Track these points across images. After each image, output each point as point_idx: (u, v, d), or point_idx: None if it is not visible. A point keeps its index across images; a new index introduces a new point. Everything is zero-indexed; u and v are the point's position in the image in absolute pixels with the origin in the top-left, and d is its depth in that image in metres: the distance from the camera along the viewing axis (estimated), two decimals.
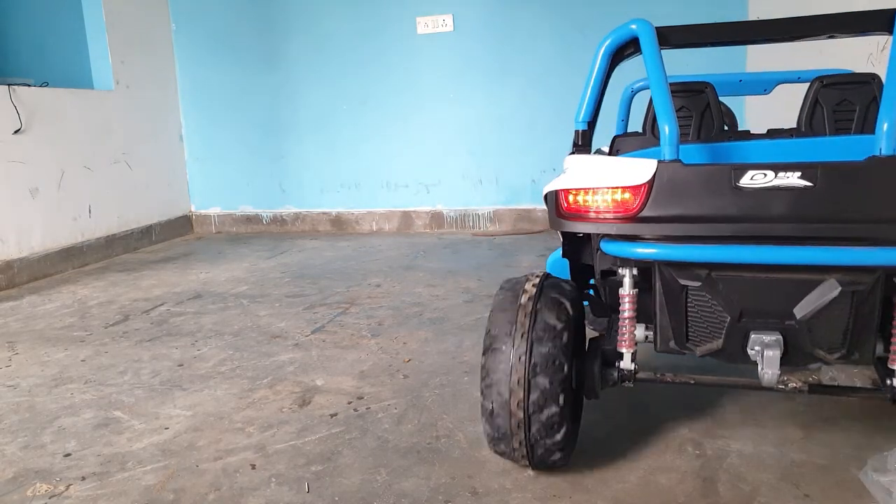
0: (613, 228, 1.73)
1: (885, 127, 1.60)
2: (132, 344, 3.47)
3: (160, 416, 2.61)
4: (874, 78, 2.25)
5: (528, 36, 6.14)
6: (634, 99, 3.54)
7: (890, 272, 1.67)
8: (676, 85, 2.29)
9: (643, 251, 1.73)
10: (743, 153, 1.94)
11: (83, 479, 2.17)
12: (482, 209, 6.52)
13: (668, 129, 1.70)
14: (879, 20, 1.84)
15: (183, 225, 7.01)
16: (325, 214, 6.89)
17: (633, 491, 1.97)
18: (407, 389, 2.75)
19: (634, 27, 1.88)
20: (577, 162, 1.86)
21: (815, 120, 2.26)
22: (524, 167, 6.31)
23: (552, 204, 1.84)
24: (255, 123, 6.85)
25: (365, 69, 6.49)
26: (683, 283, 1.76)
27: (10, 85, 4.92)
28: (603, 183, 1.73)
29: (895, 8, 1.82)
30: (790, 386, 1.88)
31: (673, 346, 1.85)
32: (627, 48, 1.96)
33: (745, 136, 2.44)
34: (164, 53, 6.75)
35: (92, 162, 5.74)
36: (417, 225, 6.68)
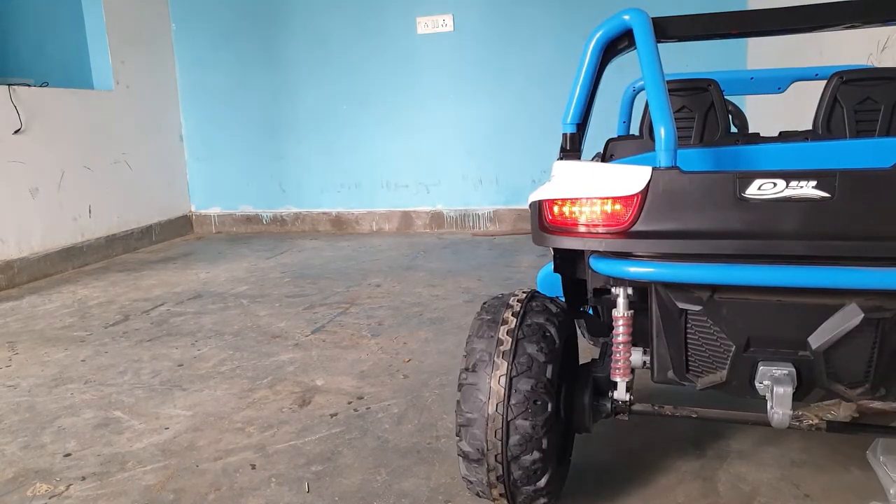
0: (602, 244, 1.52)
1: None
2: (132, 344, 3.47)
3: (160, 416, 2.61)
4: None
5: (528, 36, 6.14)
6: (637, 99, 3.36)
7: None
8: (677, 82, 2.12)
9: (636, 270, 1.50)
10: (750, 159, 1.74)
11: (83, 479, 2.17)
12: (482, 209, 6.52)
13: (664, 131, 1.51)
14: None
15: (183, 225, 7.01)
16: (325, 214, 6.89)
17: (632, 490, 1.97)
18: (407, 389, 2.75)
19: (628, 18, 1.68)
20: (563, 169, 1.66)
21: (833, 121, 2.03)
22: (524, 167, 6.31)
23: (535, 216, 1.64)
24: (255, 123, 6.85)
25: (365, 69, 6.49)
26: (682, 306, 1.54)
27: (10, 85, 4.92)
28: (591, 193, 1.54)
29: None
30: (805, 423, 1.68)
31: (672, 376, 1.65)
32: (621, 42, 1.73)
33: (753, 139, 2.19)
34: (164, 53, 6.75)
35: (92, 162, 5.74)
36: (417, 225, 6.68)
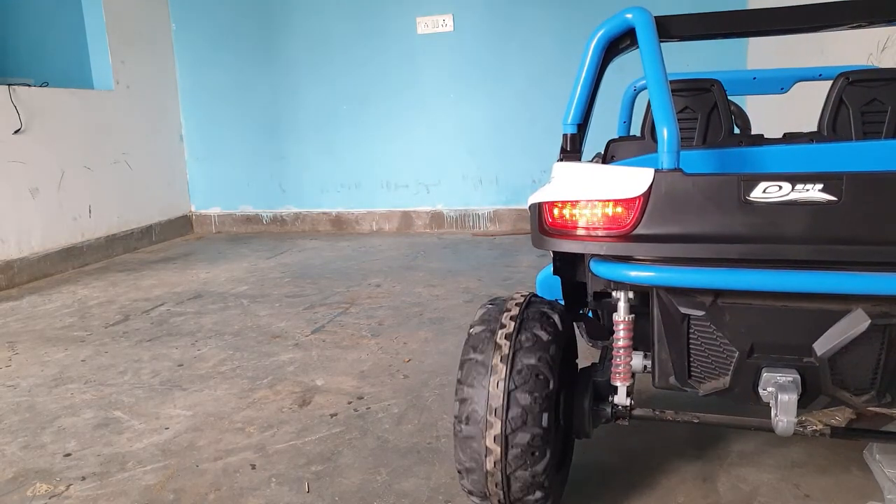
0: (603, 248, 1.50)
1: None
2: (132, 344, 3.47)
3: (160, 416, 2.61)
4: None
5: (528, 36, 6.14)
6: (638, 99, 3.30)
7: None
8: (679, 82, 2.09)
9: (637, 275, 1.48)
10: (754, 161, 1.72)
11: (83, 479, 2.17)
12: (482, 209, 6.52)
13: (666, 132, 1.47)
14: None
15: (183, 225, 7.01)
16: (325, 214, 6.89)
17: (632, 493, 1.97)
18: (407, 389, 2.75)
19: (630, 16, 1.64)
20: (563, 170, 1.64)
21: (839, 122, 1.99)
22: (524, 167, 6.31)
23: (535, 218, 1.62)
24: (255, 123, 6.85)
25: (365, 69, 6.49)
26: (684, 311, 1.52)
27: (10, 85, 4.92)
28: (591, 195, 1.52)
29: None
30: (809, 429, 1.65)
31: (673, 382, 1.62)
32: (623, 41, 1.70)
33: (757, 141, 2.16)
34: (164, 53, 6.75)
35: (92, 162, 5.74)
36: (417, 225, 6.68)
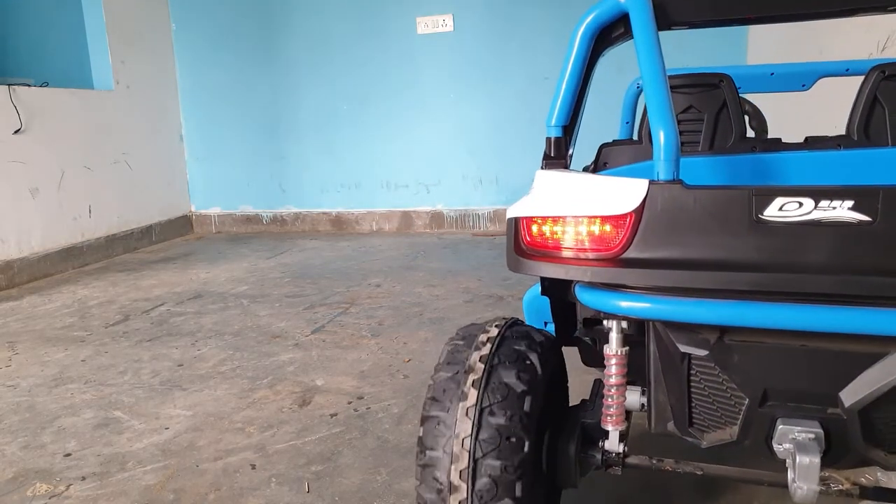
0: (587, 273, 1.26)
1: None
2: (132, 344, 3.47)
3: (160, 416, 2.61)
4: None
5: (528, 35, 6.14)
6: (642, 98, 3.09)
7: None
8: (683, 77, 1.87)
9: (629, 306, 1.25)
10: (770, 170, 1.51)
11: (83, 479, 2.17)
12: (482, 209, 6.52)
13: (663, 136, 1.23)
14: None
15: (183, 225, 7.01)
16: (325, 214, 6.89)
17: (628, 491, 1.97)
18: (407, 389, 2.75)
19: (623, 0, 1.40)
20: (545, 180, 1.40)
21: (873, 125, 1.71)
22: (524, 167, 6.31)
23: (510, 235, 1.38)
24: (255, 123, 6.85)
25: (365, 69, 6.49)
26: (684, 350, 1.30)
27: (10, 85, 4.92)
28: (574, 210, 1.28)
29: None
30: (834, 489, 1.38)
31: (672, 429, 1.41)
32: (615, 29, 1.45)
33: (773, 146, 1.86)
34: (164, 53, 6.75)
35: (92, 162, 5.74)
36: (417, 225, 6.68)
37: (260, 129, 6.86)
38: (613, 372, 1.45)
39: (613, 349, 1.44)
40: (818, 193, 1.14)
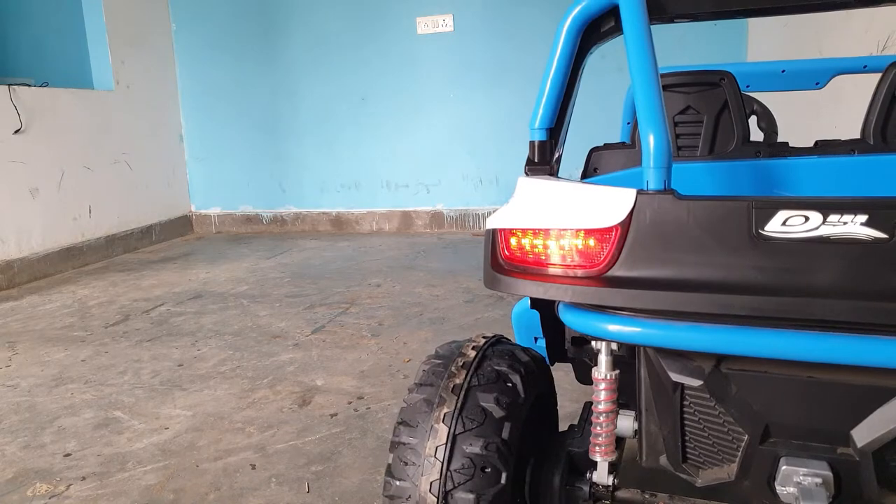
0: (568, 293, 1.13)
1: None
2: (132, 344, 3.47)
3: (160, 416, 2.61)
4: None
5: (528, 35, 6.14)
6: None
7: None
8: (679, 75, 1.75)
9: (616, 330, 1.14)
10: (775, 179, 1.39)
11: (83, 479, 2.17)
12: (482, 209, 6.52)
13: (653, 140, 1.11)
14: None
15: (183, 225, 7.01)
16: (325, 214, 6.89)
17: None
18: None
19: None
20: (526, 188, 1.28)
21: (891, 128, 1.57)
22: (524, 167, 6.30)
23: (488, 248, 1.26)
24: (255, 123, 6.86)
25: (365, 69, 6.49)
26: (677, 379, 1.17)
27: (10, 85, 4.92)
28: (555, 222, 1.17)
29: None
30: None
31: (665, 463, 1.29)
32: (605, 22, 1.32)
33: (779, 151, 1.72)
34: (164, 53, 6.75)
35: (92, 162, 5.74)
36: (417, 225, 6.68)
37: (260, 128, 6.86)
38: (602, 398, 1.31)
39: (602, 373, 1.30)
40: (827, 206, 1.01)
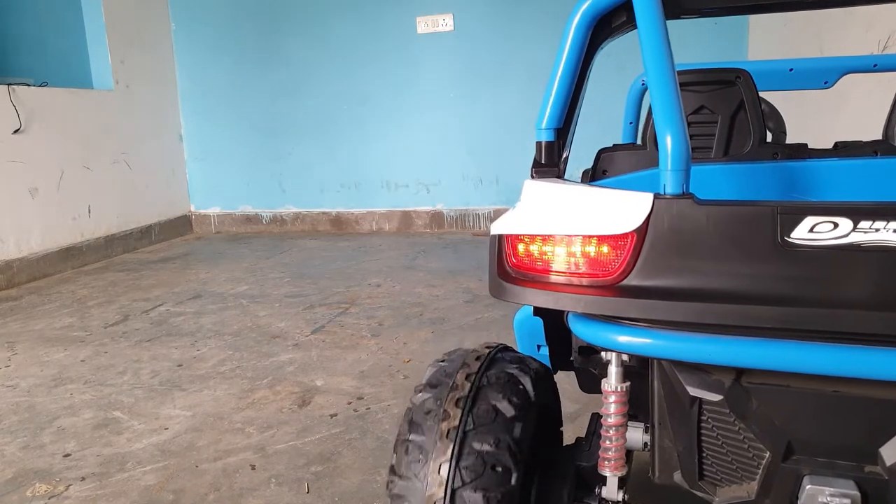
0: (581, 303, 1.08)
1: None
2: (132, 344, 3.47)
3: (160, 416, 2.60)
4: None
5: (528, 35, 6.14)
6: (647, 96, 2.94)
7: None
8: (694, 73, 1.67)
9: (628, 341, 1.08)
10: (797, 183, 1.34)
11: (83, 479, 2.17)
12: (482, 209, 6.52)
13: (671, 141, 1.04)
14: None
15: (182, 225, 7.00)
16: (324, 214, 6.89)
17: None
18: (407, 390, 2.74)
19: None
20: (533, 191, 1.22)
21: None
22: (525, 167, 6.25)
23: (494, 255, 1.20)
24: (254, 123, 6.85)
25: (365, 69, 6.49)
26: (694, 393, 1.12)
27: (9, 85, 4.92)
28: (566, 228, 1.11)
29: None
30: None
31: (679, 480, 1.22)
32: (616, 17, 1.26)
33: (799, 153, 1.63)
34: (163, 53, 6.75)
35: (91, 162, 5.74)
36: (417, 225, 6.68)
37: (259, 128, 6.85)
38: (612, 411, 1.26)
39: (612, 385, 1.24)
40: (857, 212, 0.95)
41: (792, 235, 0.98)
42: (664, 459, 1.22)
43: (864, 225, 0.94)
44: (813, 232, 0.97)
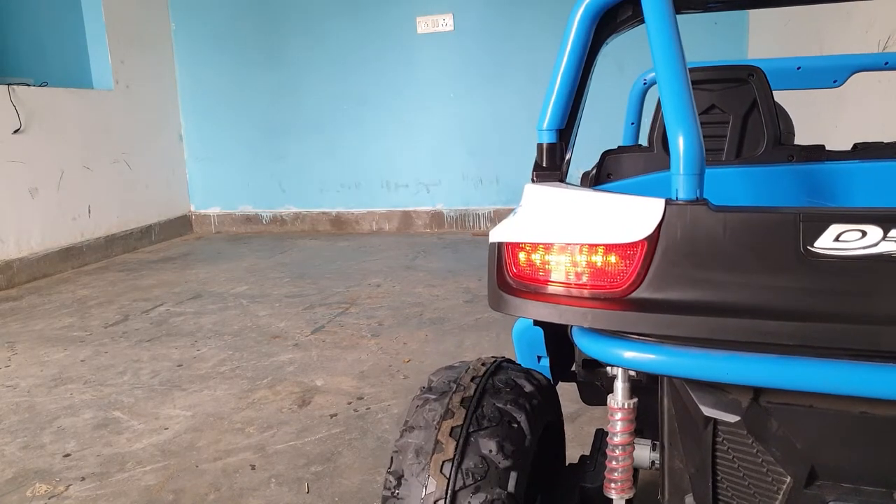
0: (588, 317, 1.00)
1: None
2: (132, 344, 3.47)
3: (160, 416, 2.60)
4: None
5: (528, 34, 6.14)
6: (650, 96, 2.63)
7: None
8: (703, 71, 1.60)
9: (636, 357, 1.00)
10: (815, 187, 1.28)
11: (83, 479, 2.17)
12: (482, 209, 6.52)
13: (683, 143, 0.97)
14: None
15: (182, 225, 7.00)
16: (324, 214, 6.89)
17: None
18: (407, 390, 2.74)
19: None
20: (535, 196, 1.15)
21: None
22: (525, 167, 6.27)
23: (493, 265, 1.12)
24: (254, 123, 6.85)
25: (365, 68, 6.49)
26: (709, 414, 1.03)
27: (9, 85, 4.92)
28: (570, 236, 1.03)
29: None
30: None
31: (691, 503, 1.14)
32: (622, 11, 1.19)
33: (817, 155, 1.54)
34: (163, 53, 6.74)
35: (91, 162, 5.74)
36: (417, 225, 6.68)
37: (259, 128, 6.85)
38: (619, 429, 1.17)
39: (619, 401, 1.16)
40: (889, 219, 0.87)
41: (816, 245, 0.90)
42: (674, 482, 1.14)
43: (893, 234, 0.87)
44: (839, 241, 0.89)
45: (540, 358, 1.55)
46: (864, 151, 1.50)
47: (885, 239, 0.86)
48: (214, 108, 6.90)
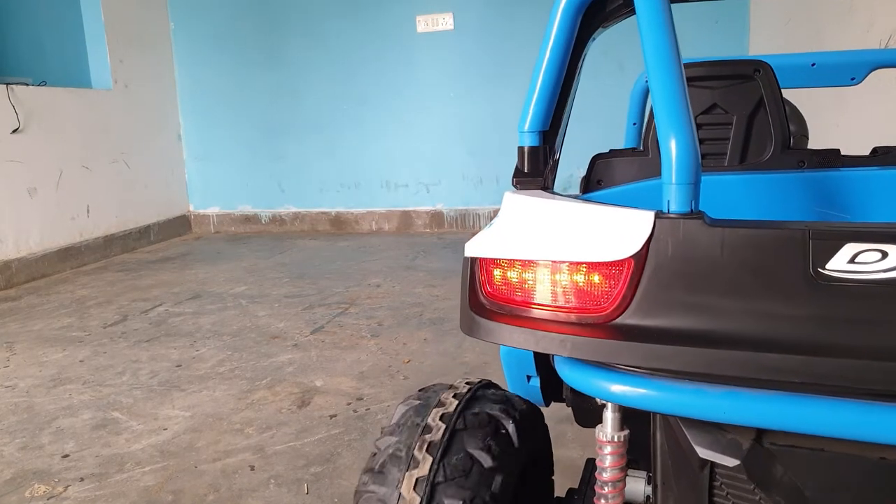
0: (567, 345, 0.87)
1: None
2: (130, 344, 3.46)
3: (159, 416, 2.60)
4: None
5: (528, 34, 6.12)
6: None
7: None
8: (705, 66, 1.45)
9: (624, 392, 0.89)
10: (829, 198, 1.16)
11: (81, 480, 2.16)
12: (482, 209, 6.51)
13: (675, 147, 0.84)
14: None
15: (181, 225, 6.99)
16: (324, 214, 6.88)
17: None
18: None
19: None
20: (514, 205, 1.00)
21: None
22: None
23: (466, 283, 0.99)
24: (254, 123, 6.84)
25: (365, 68, 6.48)
26: (705, 456, 0.92)
27: (8, 84, 4.91)
28: (549, 252, 0.91)
29: None
30: None
31: None
32: (610, 2, 1.06)
33: (831, 160, 1.37)
34: (162, 52, 6.74)
35: (90, 161, 5.73)
36: (417, 225, 6.67)
37: (259, 128, 6.84)
38: (608, 464, 1.06)
39: (608, 434, 1.04)
40: None
41: (827, 266, 0.78)
42: None
43: None
44: (854, 262, 0.77)
45: (530, 377, 1.43)
46: (884, 157, 1.34)
47: None
48: (214, 107, 6.90)
